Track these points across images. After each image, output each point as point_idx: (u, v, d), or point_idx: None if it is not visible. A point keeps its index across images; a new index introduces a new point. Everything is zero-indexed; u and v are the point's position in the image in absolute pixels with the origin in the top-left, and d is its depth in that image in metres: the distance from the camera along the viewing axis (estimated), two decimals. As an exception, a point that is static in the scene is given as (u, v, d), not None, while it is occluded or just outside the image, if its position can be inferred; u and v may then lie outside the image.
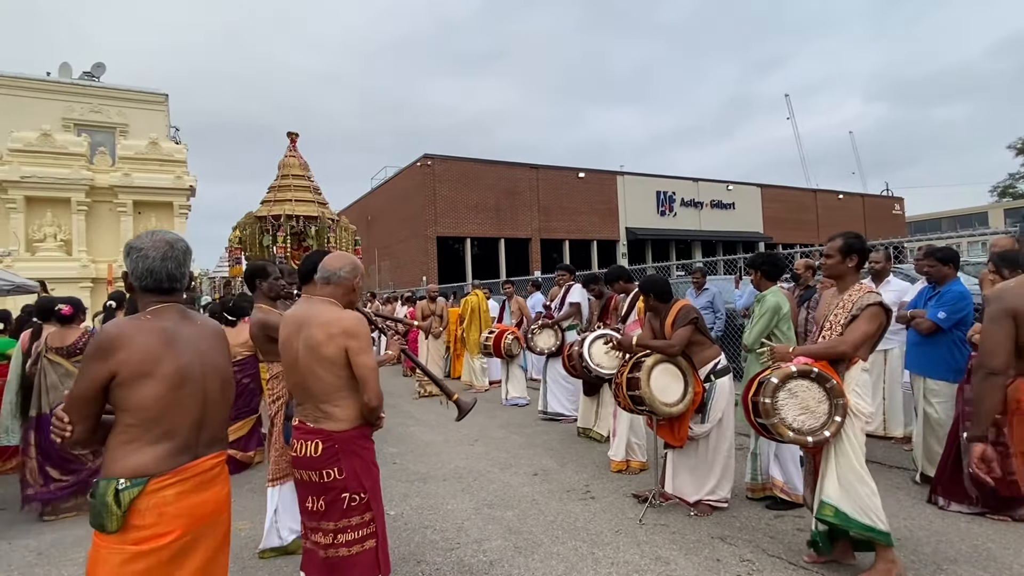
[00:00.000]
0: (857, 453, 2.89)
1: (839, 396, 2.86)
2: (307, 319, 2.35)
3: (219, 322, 5.89)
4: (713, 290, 7.60)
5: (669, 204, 30.17)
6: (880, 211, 38.63)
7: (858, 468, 2.87)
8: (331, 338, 2.26)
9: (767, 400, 2.91)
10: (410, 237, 25.70)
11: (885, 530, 2.82)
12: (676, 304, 3.96)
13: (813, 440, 2.87)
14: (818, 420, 2.89)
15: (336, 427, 2.31)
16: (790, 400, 2.92)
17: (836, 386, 2.87)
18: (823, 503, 2.90)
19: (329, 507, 2.30)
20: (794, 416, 2.90)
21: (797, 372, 2.91)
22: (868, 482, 2.86)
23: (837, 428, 2.86)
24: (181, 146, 16.57)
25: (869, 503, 2.83)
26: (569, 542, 3.50)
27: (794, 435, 2.89)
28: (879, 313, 2.92)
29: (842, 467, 2.89)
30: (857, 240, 3.08)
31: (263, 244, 12.39)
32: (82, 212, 14.56)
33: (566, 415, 6.83)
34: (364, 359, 2.28)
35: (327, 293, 2.44)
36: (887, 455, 4.91)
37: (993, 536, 3.35)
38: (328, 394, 2.30)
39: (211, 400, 1.79)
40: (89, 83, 17.85)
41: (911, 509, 3.79)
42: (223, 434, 1.90)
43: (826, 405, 2.89)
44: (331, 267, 2.45)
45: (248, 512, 4.26)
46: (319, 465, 2.29)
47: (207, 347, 1.83)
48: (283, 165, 13.20)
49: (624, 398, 3.89)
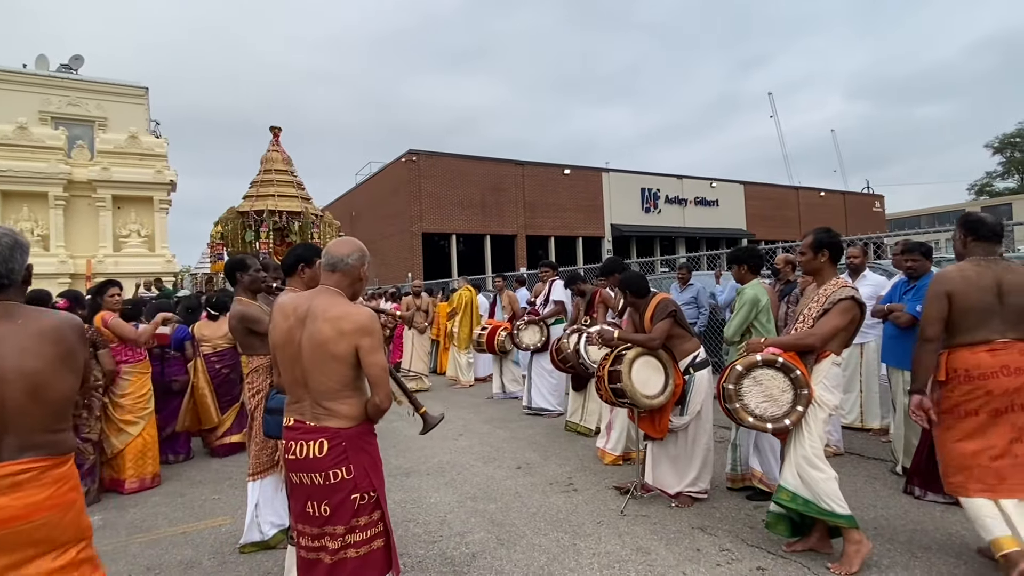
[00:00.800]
0: (814, 441, 2.97)
1: (803, 386, 2.93)
2: (312, 311, 2.17)
3: (207, 316, 5.96)
4: (697, 286, 7.71)
5: (654, 201, 30.33)
6: (861, 208, 39.16)
7: (811, 455, 2.94)
8: (342, 335, 2.11)
9: (731, 386, 3.04)
10: (395, 233, 25.58)
11: (844, 513, 2.88)
12: (655, 298, 3.99)
13: (773, 427, 2.99)
14: (781, 408, 2.97)
15: (343, 424, 2.16)
16: (754, 387, 3.03)
17: (800, 376, 2.93)
18: (780, 488, 3.04)
19: (336, 510, 2.15)
20: (756, 403, 3.01)
21: (762, 361, 3.01)
22: (823, 468, 2.93)
23: (798, 417, 2.94)
24: (161, 140, 16.32)
25: (825, 487, 2.90)
26: (551, 534, 3.51)
27: (754, 420, 3.01)
28: (851, 307, 2.98)
29: (798, 454, 2.99)
30: (826, 235, 3.15)
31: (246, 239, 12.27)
32: (60, 207, 14.30)
33: (550, 410, 6.86)
34: (377, 358, 2.16)
35: (333, 282, 2.26)
36: (865, 447, 4.99)
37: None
38: (333, 392, 2.15)
39: (11, 407, 1.65)
40: (67, 75, 17.53)
41: (887, 499, 3.86)
42: (45, 439, 1.72)
43: (790, 394, 2.97)
44: (338, 253, 2.28)
45: (228, 507, 4.23)
46: (325, 466, 2.13)
47: (18, 349, 1.68)
48: (266, 160, 13.07)
49: (606, 391, 3.92)
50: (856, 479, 4.23)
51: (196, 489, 4.71)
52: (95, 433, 4.52)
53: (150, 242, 15.15)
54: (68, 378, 1.78)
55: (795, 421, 2.94)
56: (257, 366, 3.35)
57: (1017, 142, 51.49)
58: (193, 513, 4.17)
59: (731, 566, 3.03)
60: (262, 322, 3.25)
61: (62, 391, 1.76)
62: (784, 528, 3.11)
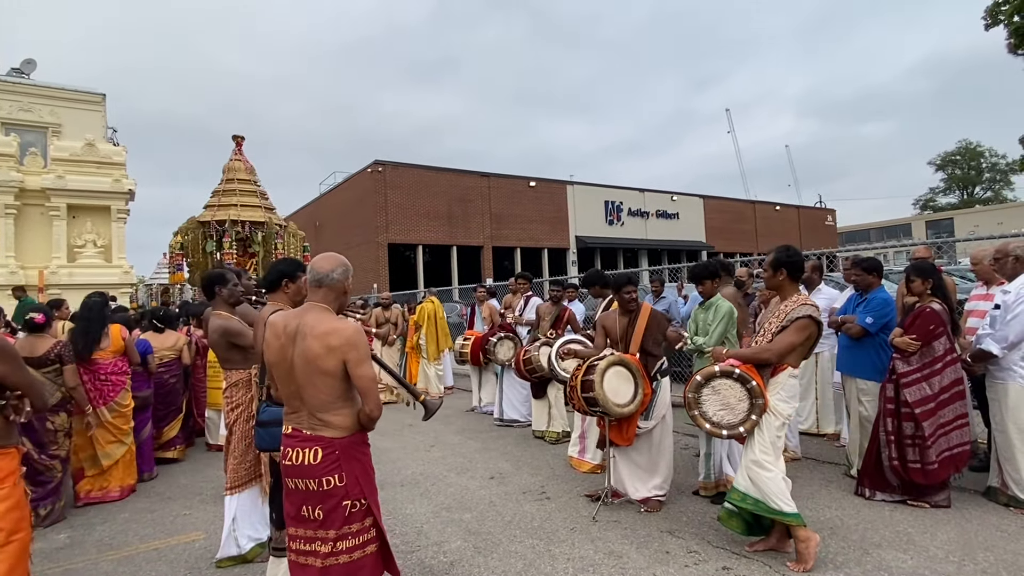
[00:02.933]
0: (764, 446, 3.16)
1: (758, 396, 3.13)
2: (301, 329, 2.27)
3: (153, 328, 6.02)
4: (670, 298, 7.87)
5: (617, 213, 30.88)
6: (814, 222, 40.63)
7: (760, 458, 3.15)
8: (330, 351, 2.20)
9: (691, 395, 3.27)
10: (361, 244, 25.37)
11: (791, 511, 3.08)
12: (645, 310, 4.25)
13: (728, 434, 3.21)
14: (736, 416, 3.19)
15: (336, 434, 2.26)
16: (712, 396, 3.25)
17: (756, 387, 3.14)
18: (733, 488, 3.27)
19: (328, 515, 2.24)
20: (714, 411, 3.24)
21: (720, 372, 3.22)
22: (770, 469, 3.13)
23: (752, 425, 3.15)
24: (119, 148, 15.87)
25: (772, 487, 3.10)
26: (527, 541, 3.62)
27: (711, 427, 3.23)
28: (807, 325, 3.18)
29: (748, 458, 3.21)
30: (784, 254, 3.35)
31: (206, 250, 12.05)
32: (11, 215, 13.76)
33: (520, 421, 6.97)
34: (364, 370, 2.24)
35: (319, 297, 2.36)
36: (820, 451, 5.25)
37: (913, 522, 3.66)
38: (325, 404, 2.25)
39: None
40: (18, 80, 16.93)
41: (841, 500, 4.09)
42: None
43: (746, 404, 3.17)
44: (323, 269, 2.36)
45: (201, 523, 4.19)
46: (319, 473, 2.23)
47: None
48: (228, 169, 12.90)
49: (579, 400, 4.06)
50: (812, 483, 4.46)
51: (166, 505, 4.65)
52: (64, 450, 4.44)
53: (107, 252, 14.68)
54: None
55: (749, 429, 3.15)
56: (237, 380, 3.36)
57: (957, 160, 54.40)
58: (164, 529, 4.13)
59: (699, 567, 3.19)
60: (244, 335, 3.28)
61: None
62: (737, 524, 3.30)
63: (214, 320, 3.41)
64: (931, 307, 3.94)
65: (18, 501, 2.26)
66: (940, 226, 44.95)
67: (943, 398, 3.87)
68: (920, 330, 3.91)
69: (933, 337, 3.89)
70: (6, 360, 2.21)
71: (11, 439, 2.29)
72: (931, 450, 3.81)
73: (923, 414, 3.84)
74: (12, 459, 2.27)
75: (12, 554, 2.20)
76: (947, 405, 3.88)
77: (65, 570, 3.49)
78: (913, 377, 3.91)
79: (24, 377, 2.30)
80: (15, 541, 2.21)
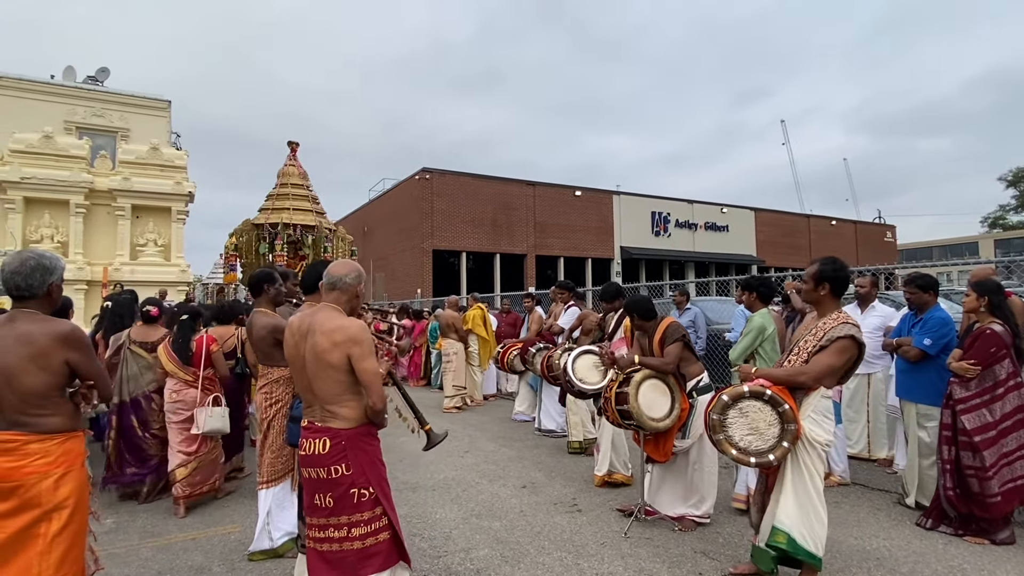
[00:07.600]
0: (816, 482, 2.87)
1: (791, 421, 2.82)
2: (312, 327, 2.47)
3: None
4: (695, 310, 7.62)
5: (664, 224, 30.44)
6: (872, 238, 39.07)
7: (815, 498, 2.86)
8: (335, 346, 2.38)
9: (716, 416, 2.94)
10: (406, 249, 25.79)
11: (820, 556, 2.86)
12: (664, 322, 4.04)
13: (756, 462, 2.87)
14: (766, 443, 2.86)
15: (343, 425, 2.43)
16: (739, 419, 2.92)
17: (788, 411, 2.82)
18: (776, 529, 2.87)
19: (338, 502, 2.40)
20: (741, 435, 2.91)
21: (749, 392, 2.91)
22: (822, 513, 2.88)
23: (783, 453, 2.84)
24: (182, 152, 16.63)
25: (819, 532, 2.86)
26: (555, 553, 3.55)
27: (737, 453, 2.90)
28: (848, 347, 2.87)
29: (800, 495, 2.87)
30: (830, 268, 3.02)
31: (259, 252, 12.42)
32: (80, 215, 14.56)
33: (556, 432, 6.86)
34: (367, 364, 2.39)
35: (332, 299, 2.56)
36: (870, 477, 4.99)
37: (969, 558, 3.42)
38: (334, 396, 2.43)
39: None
40: (92, 87, 17.98)
41: (890, 530, 3.87)
42: (24, 419, 2.19)
43: (776, 429, 2.85)
44: (336, 273, 2.57)
45: (237, 515, 4.30)
46: (327, 462, 2.40)
47: (1, 349, 2.18)
48: (282, 174, 13.28)
49: (612, 412, 3.97)
50: (860, 509, 4.24)
51: (205, 498, 4.77)
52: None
53: (166, 251, 15.36)
54: (37, 374, 2.20)
55: (780, 457, 2.84)
56: (278, 377, 3.44)
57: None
58: (203, 520, 4.24)
59: (732, 591, 3.06)
60: (288, 333, 3.36)
61: (29, 384, 2.19)
62: (768, 562, 2.93)
63: (261, 318, 3.49)
64: (991, 328, 3.70)
65: (83, 483, 2.37)
66: (1010, 245, 42.54)
67: (1005, 426, 3.63)
68: (980, 353, 3.68)
69: (994, 360, 3.65)
70: (81, 349, 2.33)
71: (81, 423, 2.44)
72: (993, 481, 3.57)
73: (983, 443, 3.61)
74: (81, 442, 2.39)
75: (73, 532, 2.29)
76: (1010, 433, 3.63)
77: (109, 554, 3.61)
78: (972, 403, 3.68)
79: (95, 368, 2.42)
80: (75, 522, 2.30)
